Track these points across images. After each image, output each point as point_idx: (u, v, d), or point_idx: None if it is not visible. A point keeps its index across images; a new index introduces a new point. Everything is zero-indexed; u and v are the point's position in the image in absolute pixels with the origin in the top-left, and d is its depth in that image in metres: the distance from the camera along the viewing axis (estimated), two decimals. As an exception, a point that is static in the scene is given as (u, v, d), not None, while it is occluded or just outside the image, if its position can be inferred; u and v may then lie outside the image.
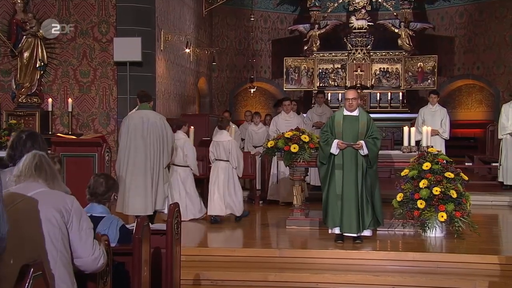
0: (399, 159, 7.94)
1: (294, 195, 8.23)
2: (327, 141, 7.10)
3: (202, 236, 8.12)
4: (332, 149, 7.05)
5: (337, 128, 7.11)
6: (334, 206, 7.05)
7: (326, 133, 7.19)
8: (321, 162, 7.19)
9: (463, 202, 7.29)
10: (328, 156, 7.10)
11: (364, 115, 7.17)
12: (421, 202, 7.25)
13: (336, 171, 7.07)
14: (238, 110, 20.48)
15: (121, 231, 4.31)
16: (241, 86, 20.04)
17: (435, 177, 7.29)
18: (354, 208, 6.99)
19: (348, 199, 7.02)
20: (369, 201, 7.03)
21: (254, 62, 19.75)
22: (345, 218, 7.02)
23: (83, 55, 11.37)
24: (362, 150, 6.99)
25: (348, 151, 7.05)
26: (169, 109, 14.15)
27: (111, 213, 4.46)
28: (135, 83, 11.12)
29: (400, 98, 17.68)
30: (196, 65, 16.33)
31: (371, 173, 7.09)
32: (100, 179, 4.42)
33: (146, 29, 11.39)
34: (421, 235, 7.46)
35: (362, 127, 7.08)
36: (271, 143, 8.14)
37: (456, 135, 18.36)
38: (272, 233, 8.26)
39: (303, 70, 18.25)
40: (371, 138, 7.04)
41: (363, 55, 17.86)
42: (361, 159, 7.03)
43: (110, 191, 4.41)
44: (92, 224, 3.39)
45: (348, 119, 7.14)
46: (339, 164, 7.07)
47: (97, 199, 4.37)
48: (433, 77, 17.59)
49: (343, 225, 7.03)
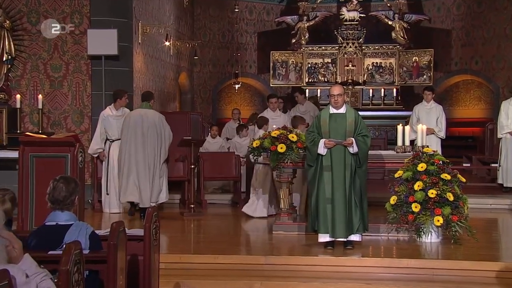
0: (393, 159, 7.97)
1: (281, 198, 8.23)
2: (313, 141, 7.12)
3: (183, 242, 8.10)
4: (319, 149, 7.07)
5: (323, 127, 7.14)
6: (324, 211, 7.05)
7: (312, 133, 7.21)
8: (309, 164, 7.21)
9: (460, 205, 7.33)
10: (315, 157, 7.12)
11: (351, 112, 7.20)
12: (416, 206, 7.28)
13: (324, 173, 7.08)
14: (221, 107, 20.48)
15: (91, 238, 4.28)
16: (225, 82, 20.04)
17: (431, 179, 7.32)
18: (343, 211, 7.01)
19: (338, 202, 7.03)
20: (357, 203, 7.07)
21: (238, 56, 19.76)
22: (336, 222, 7.02)
23: (54, 48, 11.30)
24: (352, 147, 7.02)
25: (336, 150, 7.07)
26: (147, 106, 14.10)
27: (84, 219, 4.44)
28: (110, 79, 11.07)
29: (394, 95, 17.80)
30: (177, 59, 16.30)
31: (360, 173, 7.12)
32: (60, 184, 4.33)
33: (123, 21, 11.35)
34: (416, 241, 7.49)
35: (350, 125, 7.11)
36: (257, 143, 8.14)
37: (453, 134, 18.51)
38: (258, 238, 8.26)
39: (291, 64, 18.29)
40: (360, 135, 7.08)
41: (355, 49, 17.94)
42: (350, 158, 7.06)
43: (72, 196, 4.34)
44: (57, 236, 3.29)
45: (335, 117, 7.17)
46: (327, 165, 7.09)
47: (60, 206, 4.31)
48: (429, 72, 17.72)
49: (335, 230, 7.03)
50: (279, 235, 7.95)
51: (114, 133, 9.89)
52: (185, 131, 11.02)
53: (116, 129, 9.86)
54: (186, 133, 10.98)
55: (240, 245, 7.94)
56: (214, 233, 8.69)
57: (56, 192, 4.30)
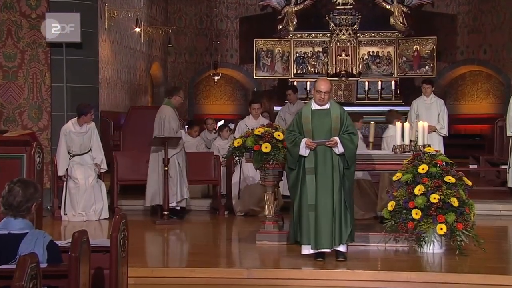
0: (390, 160, 7.99)
1: (265, 203, 8.25)
2: (294, 141, 7.12)
3: (155, 254, 8.09)
4: (301, 150, 7.08)
5: (305, 126, 7.15)
6: (307, 220, 7.05)
7: (292, 132, 7.21)
8: (289, 167, 7.21)
9: (466, 211, 7.37)
10: (297, 159, 7.13)
11: (336, 108, 7.22)
12: (416, 212, 7.32)
13: (307, 177, 7.09)
14: (199, 102, 20.47)
15: (49, 249, 4.24)
16: (203, 74, 20.03)
17: (433, 182, 7.36)
18: (329, 219, 7.00)
19: (324, 209, 7.01)
20: (348, 208, 7.07)
21: (218, 44, 19.76)
22: (322, 232, 7.01)
23: (7, 34, 11.22)
24: (336, 148, 7.04)
25: (320, 151, 7.07)
26: (115, 100, 14.08)
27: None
28: (73, 69, 11.01)
29: (393, 88, 17.87)
30: (148, 47, 16.27)
31: (349, 175, 7.13)
32: (16, 187, 4.28)
33: (87, 3, 11.29)
34: (417, 251, 7.53)
35: (335, 122, 7.13)
36: (238, 141, 8.15)
37: (459, 131, 18.64)
38: (239, 249, 8.26)
39: (277, 54, 18.33)
40: (346, 133, 7.10)
41: (349, 36, 18.00)
42: (337, 159, 7.07)
43: (29, 202, 4.28)
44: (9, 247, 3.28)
45: (318, 114, 7.18)
46: (310, 168, 7.09)
47: (13, 213, 4.26)
48: (431, 63, 17.82)
49: (319, 240, 7.01)
50: (263, 246, 7.96)
51: (76, 149, 10.06)
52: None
53: (78, 145, 10.05)
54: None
55: (219, 256, 7.93)
56: (190, 243, 8.67)
57: (11, 196, 4.26)
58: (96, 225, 9.55)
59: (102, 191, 10.04)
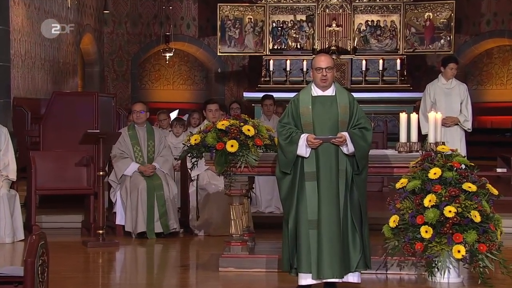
0: (394, 162, 8.03)
1: (231, 219, 8.26)
2: (290, 137, 7.05)
3: (85, 285, 8.07)
4: (299, 149, 7.04)
5: (304, 118, 7.10)
6: (306, 240, 7.02)
7: (287, 125, 7.14)
8: (282, 172, 7.18)
9: (490, 229, 7.44)
10: (293, 161, 7.09)
11: (343, 94, 7.19)
12: (426, 230, 7.36)
13: (307, 184, 7.06)
14: (146, 86, 20.44)
15: None
16: (151, 49, 20.01)
17: (448, 191, 7.40)
18: (337, 240, 6.96)
19: (328, 227, 6.97)
20: (357, 227, 7.06)
21: (170, 10, 19.73)
22: (324, 256, 6.98)
23: None
24: (345, 146, 7.04)
25: (324, 151, 7.05)
26: (33, 83, 14.00)
27: None
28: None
29: (398, 68, 17.90)
30: (78, 14, 16.20)
31: (359, 182, 7.09)
32: None
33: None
34: (427, 281, 7.59)
35: (343, 113, 7.10)
36: (196, 138, 8.15)
37: (484, 125, 18.79)
38: (197, 279, 8.27)
39: (247, 24, 18.32)
40: (357, 128, 7.09)
41: (341, 1, 18.05)
42: (345, 161, 7.04)
43: None
44: None
45: (321, 102, 7.15)
46: (311, 172, 7.05)
47: None
48: (448, 36, 17.88)
49: (322, 268, 6.98)
50: (228, 273, 7.98)
51: None
52: (91, 121, 10.97)
53: None
54: (92, 124, 10.93)
55: (171, 287, 7.96)
56: (132, 271, 8.65)
57: None
58: (7, 249, 9.49)
59: (15, 205, 9.95)
